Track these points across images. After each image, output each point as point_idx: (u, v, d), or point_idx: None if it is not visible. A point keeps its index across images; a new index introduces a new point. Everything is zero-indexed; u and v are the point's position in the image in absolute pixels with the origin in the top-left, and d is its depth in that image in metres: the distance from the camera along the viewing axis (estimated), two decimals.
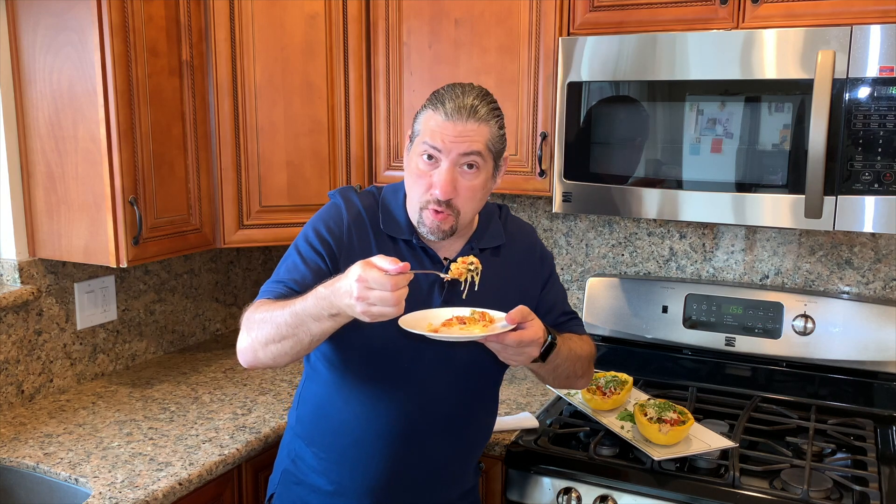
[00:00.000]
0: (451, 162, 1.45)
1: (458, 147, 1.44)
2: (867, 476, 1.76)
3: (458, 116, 1.44)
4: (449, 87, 1.50)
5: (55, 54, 2.01)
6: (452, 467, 1.67)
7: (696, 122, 1.94)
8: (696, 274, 2.43)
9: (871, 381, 2.15)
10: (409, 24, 2.28)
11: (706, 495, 1.72)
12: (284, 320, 1.37)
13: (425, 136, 1.46)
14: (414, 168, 1.50)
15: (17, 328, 2.13)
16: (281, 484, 1.70)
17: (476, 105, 1.45)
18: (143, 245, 2.06)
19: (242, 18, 2.22)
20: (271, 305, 1.43)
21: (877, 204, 1.79)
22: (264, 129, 2.29)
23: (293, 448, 1.69)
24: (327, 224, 1.57)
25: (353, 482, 1.61)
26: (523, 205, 2.62)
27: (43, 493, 1.80)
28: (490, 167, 1.50)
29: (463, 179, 1.46)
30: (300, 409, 1.70)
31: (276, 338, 1.39)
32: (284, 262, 1.57)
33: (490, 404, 1.72)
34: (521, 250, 1.68)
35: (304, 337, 1.37)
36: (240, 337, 1.47)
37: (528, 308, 1.41)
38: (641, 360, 2.40)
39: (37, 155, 2.11)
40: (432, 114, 1.47)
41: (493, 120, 1.48)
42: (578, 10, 2.09)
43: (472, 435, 1.68)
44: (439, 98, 1.48)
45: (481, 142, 1.45)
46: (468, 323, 1.41)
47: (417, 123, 1.51)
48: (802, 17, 1.88)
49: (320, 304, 1.32)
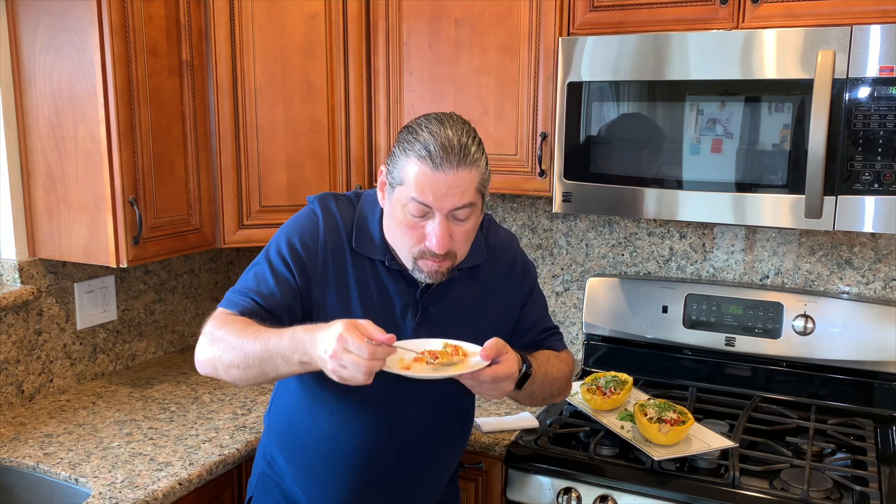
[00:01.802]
0: (444, 216, 1.38)
1: (451, 201, 1.37)
2: (867, 476, 1.76)
3: (449, 165, 1.35)
4: (426, 125, 1.39)
5: (55, 54, 2.01)
6: (425, 485, 1.64)
7: (696, 122, 1.94)
8: (696, 274, 2.43)
9: (871, 381, 2.15)
10: (409, 24, 2.28)
11: (706, 495, 1.72)
12: (254, 351, 1.33)
13: (413, 192, 1.36)
14: (401, 219, 1.41)
15: (17, 328, 2.13)
16: (258, 487, 1.70)
17: (465, 143, 1.36)
18: (143, 245, 2.06)
19: (242, 18, 2.22)
20: (239, 327, 1.38)
21: (877, 204, 1.79)
22: (264, 128, 2.29)
23: (269, 451, 1.68)
24: (302, 237, 1.50)
25: (324, 497, 1.59)
26: (523, 205, 2.62)
27: (43, 493, 1.80)
28: (480, 205, 1.44)
29: (457, 227, 1.41)
30: (272, 414, 1.68)
31: (242, 366, 1.36)
32: (253, 271, 1.51)
33: (463, 425, 1.68)
34: (503, 267, 1.62)
35: (270, 373, 1.35)
36: (200, 345, 1.43)
37: (503, 340, 1.38)
38: (641, 360, 2.40)
39: (37, 155, 2.11)
40: (420, 167, 1.36)
41: (481, 159, 1.40)
42: (578, 10, 2.09)
43: (444, 456, 1.65)
44: (427, 149, 1.36)
45: (472, 190, 1.38)
46: (441, 357, 1.36)
47: (399, 170, 1.39)
48: (802, 17, 1.88)
49: (295, 346, 1.29)
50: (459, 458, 1.73)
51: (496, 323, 1.59)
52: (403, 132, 1.42)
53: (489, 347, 1.35)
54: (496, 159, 2.24)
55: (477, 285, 1.58)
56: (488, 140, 2.23)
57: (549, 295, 2.62)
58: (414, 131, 1.39)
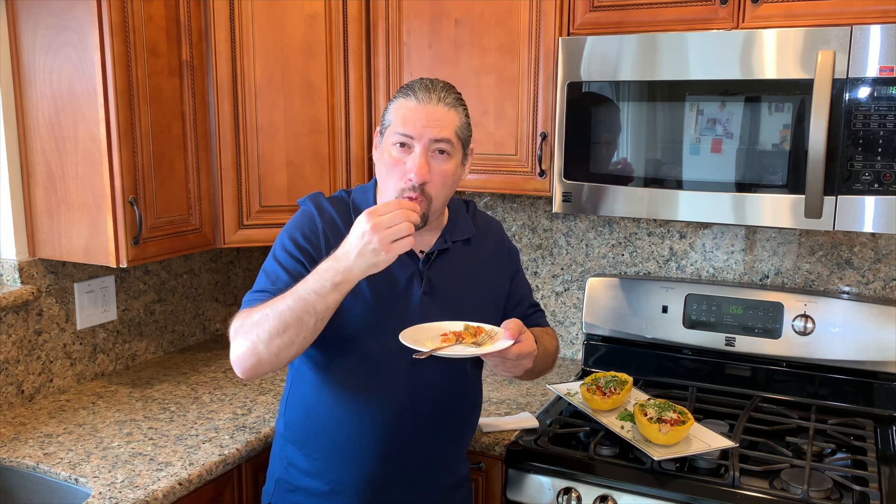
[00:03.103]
0: (423, 147, 1.50)
1: (430, 132, 1.50)
2: (867, 476, 1.76)
3: (429, 100, 1.51)
4: (416, 79, 1.58)
5: (55, 54, 2.01)
6: (443, 456, 1.69)
7: (696, 122, 1.94)
8: (696, 274, 2.43)
9: (871, 381, 2.15)
10: (409, 24, 2.28)
11: (706, 495, 1.72)
12: (287, 306, 1.39)
13: (397, 126, 1.52)
14: (387, 158, 1.54)
15: (17, 328, 2.13)
16: (276, 493, 1.71)
17: (443, 95, 1.53)
18: (143, 245, 2.06)
19: (242, 18, 2.22)
20: (264, 304, 1.44)
21: (877, 204, 1.79)
22: (264, 129, 2.29)
23: (284, 455, 1.70)
24: (303, 232, 1.58)
25: (349, 478, 1.61)
26: (523, 205, 2.62)
27: (43, 493, 1.80)
28: (460, 155, 1.56)
29: (435, 164, 1.52)
30: (288, 414, 1.70)
31: (280, 328, 1.40)
32: (265, 273, 1.57)
33: (473, 395, 1.74)
34: (491, 245, 1.75)
35: (310, 319, 1.39)
36: (234, 346, 1.48)
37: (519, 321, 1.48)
38: (641, 360, 2.40)
39: (37, 155, 2.11)
40: (403, 101, 1.53)
41: (461, 107, 1.56)
42: (578, 10, 2.09)
43: (459, 424, 1.71)
44: (409, 87, 1.55)
45: (451, 128, 1.52)
46: (466, 337, 1.46)
47: (388, 114, 1.56)
48: (802, 17, 1.88)
49: (323, 276, 1.36)
50: (473, 432, 1.78)
51: (494, 292, 1.72)
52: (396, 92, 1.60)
53: (513, 328, 1.45)
54: (496, 159, 2.24)
55: (472, 256, 1.68)
56: (488, 140, 2.23)
57: (549, 295, 2.62)
58: (404, 85, 1.58)
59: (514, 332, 1.45)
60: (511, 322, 1.47)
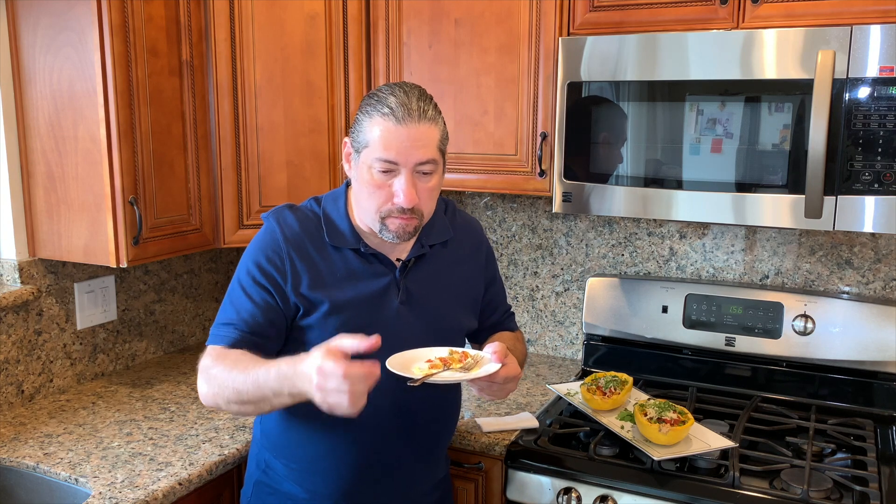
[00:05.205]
0: (409, 171, 1.46)
1: (415, 156, 1.45)
2: (867, 476, 1.76)
3: (409, 119, 1.43)
4: (387, 88, 1.48)
5: (55, 54, 2.01)
6: (421, 465, 1.69)
7: (696, 122, 1.94)
8: (696, 274, 2.43)
9: (871, 381, 2.15)
10: (409, 24, 2.28)
11: (706, 495, 1.72)
12: (246, 389, 1.40)
13: (378, 151, 1.44)
14: (368, 179, 1.48)
15: (17, 328, 2.13)
16: (254, 496, 1.70)
17: (423, 108, 1.45)
18: (143, 245, 2.06)
19: (242, 18, 2.22)
20: (229, 363, 1.44)
21: (877, 204, 1.79)
22: (264, 129, 2.29)
23: (262, 459, 1.70)
24: (267, 255, 1.55)
25: (327, 488, 1.62)
26: (523, 205, 2.62)
27: (43, 493, 1.80)
28: (442, 165, 1.53)
29: (421, 183, 1.49)
30: (265, 423, 1.70)
31: (238, 402, 1.43)
32: (230, 302, 1.56)
33: (451, 405, 1.74)
34: (469, 247, 1.73)
35: (265, 406, 1.43)
36: (200, 384, 1.50)
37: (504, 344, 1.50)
38: (641, 360, 2.40)
39: (37, 155, 2.11)
40: (380, 120, 1.44)
41: (439, 117, 1.49)
42: (578, 10, 2.09)
43: (436, 433, 1.71)
44: (384, 103, 1.45)
45: (433, 146, 1.47)
46: (451, 363, 1.47)
47: (363, 132, 1.47)
48: (802, 17, 1.88)
49: (282, 383, 1.35)
50: (449, 440, 1.78)
51: (470, 295, 1.72)
52: (365, 100, 1.51)
53: (499, 351, 1.46)
54: (496, 159, 2.24)
55: (449, 261, 1.67)
56: (488, 140, 2.23)
57: (548, 295, 2.62)
58: (375, 96, 1.49)
59: (500, 356, 1.45)
60: (496, 345, 1.47)
